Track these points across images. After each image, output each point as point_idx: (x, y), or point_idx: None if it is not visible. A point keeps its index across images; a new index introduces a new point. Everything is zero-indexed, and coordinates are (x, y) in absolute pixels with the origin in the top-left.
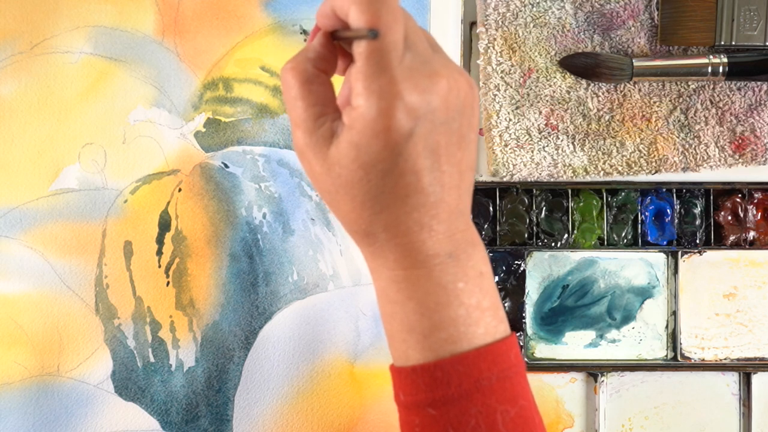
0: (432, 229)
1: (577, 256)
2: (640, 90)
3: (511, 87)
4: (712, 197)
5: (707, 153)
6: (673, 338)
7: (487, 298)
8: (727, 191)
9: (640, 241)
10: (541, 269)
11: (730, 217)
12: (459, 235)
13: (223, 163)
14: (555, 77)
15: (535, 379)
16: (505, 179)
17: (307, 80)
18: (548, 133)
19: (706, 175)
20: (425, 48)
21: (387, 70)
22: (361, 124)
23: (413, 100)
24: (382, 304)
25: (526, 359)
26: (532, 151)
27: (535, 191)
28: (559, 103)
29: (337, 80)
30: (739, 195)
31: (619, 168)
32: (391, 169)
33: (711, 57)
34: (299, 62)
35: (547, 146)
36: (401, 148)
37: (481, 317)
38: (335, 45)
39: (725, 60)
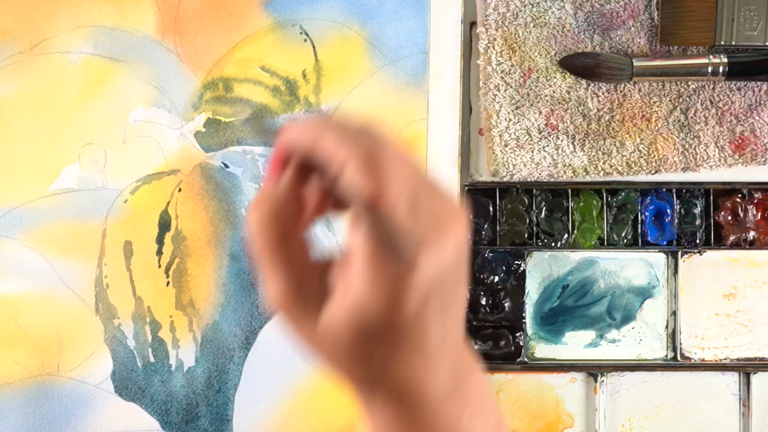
0: (437, 374)
1: (577, 256)
2: (640, 90)
3: (511, 87)
4: (712, 197)
5: (707, 153)
6: (673, 338)
7: (491, 420)
8: (727, 191)
9: (640, 241)
10: (541, 269)
11: (730, 217)
12: (458, 367)
13: (223, 163)
14: (555, 77)
15: (535, 379)
16: (505, 179)
17: (285, 233)
18: (548, 133)
19: (706, 175)
20: (429, 202)
21: (396, 250)
22: (363, 309)
23: (424, 280)
24: None
25: (525, 359)
26: (532, 151)
27: (535, 191)
28: (559, 103)
29: None
30: (739, 195)
31: (619, 168)
32: (397, 340)
33: (711, 57)
34: (272, 212)
35: (547, 146)
36: (409, 323)
37: None
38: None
39: (725, 60)
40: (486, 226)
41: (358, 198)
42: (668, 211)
